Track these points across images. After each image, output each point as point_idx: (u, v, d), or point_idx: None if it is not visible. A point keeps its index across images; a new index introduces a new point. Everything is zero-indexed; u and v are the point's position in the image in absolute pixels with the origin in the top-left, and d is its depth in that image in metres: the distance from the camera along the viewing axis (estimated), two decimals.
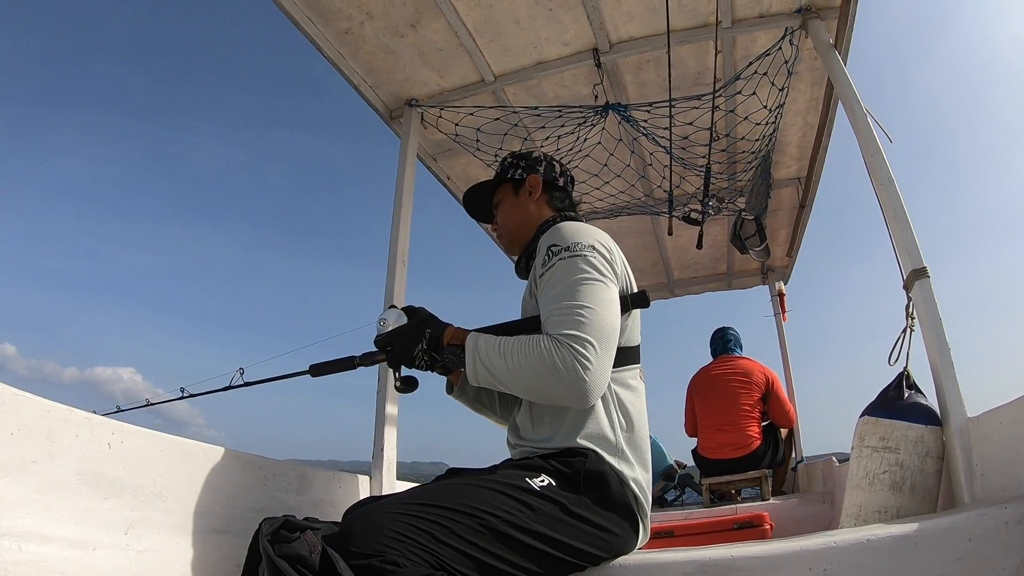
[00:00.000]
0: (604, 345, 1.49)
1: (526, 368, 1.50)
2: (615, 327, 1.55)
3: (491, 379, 1.57)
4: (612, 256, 1.67)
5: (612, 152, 3.91)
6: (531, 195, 2.00)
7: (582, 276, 1.56)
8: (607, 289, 1.57)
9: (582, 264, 1.58)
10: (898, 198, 2.42)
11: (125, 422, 1.58)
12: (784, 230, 5.29)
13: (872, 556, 1.40)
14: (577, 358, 1.45)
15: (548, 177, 2.03)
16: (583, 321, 1.49)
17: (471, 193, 2.13)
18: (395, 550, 1.20)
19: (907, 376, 2.22)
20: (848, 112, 2.73)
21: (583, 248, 1.61)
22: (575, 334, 1.47)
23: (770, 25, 3.12)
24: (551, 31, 3.21)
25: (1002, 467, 1.73)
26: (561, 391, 1.48)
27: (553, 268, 1.61)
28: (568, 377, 1.45)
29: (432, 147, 4.03)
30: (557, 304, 1.55)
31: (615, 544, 1.55)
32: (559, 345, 1.47)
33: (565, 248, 1.62)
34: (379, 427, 2.89)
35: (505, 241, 2.05)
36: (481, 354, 1.57)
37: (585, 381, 1.45)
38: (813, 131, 4.01)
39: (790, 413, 4.73)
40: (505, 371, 1.53)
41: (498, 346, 1.56)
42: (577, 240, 1.64)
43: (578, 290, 1.54)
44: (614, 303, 1.57)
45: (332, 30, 3.11)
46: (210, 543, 1.74)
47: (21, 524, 1.27)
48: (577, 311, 1.50)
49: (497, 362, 1.54)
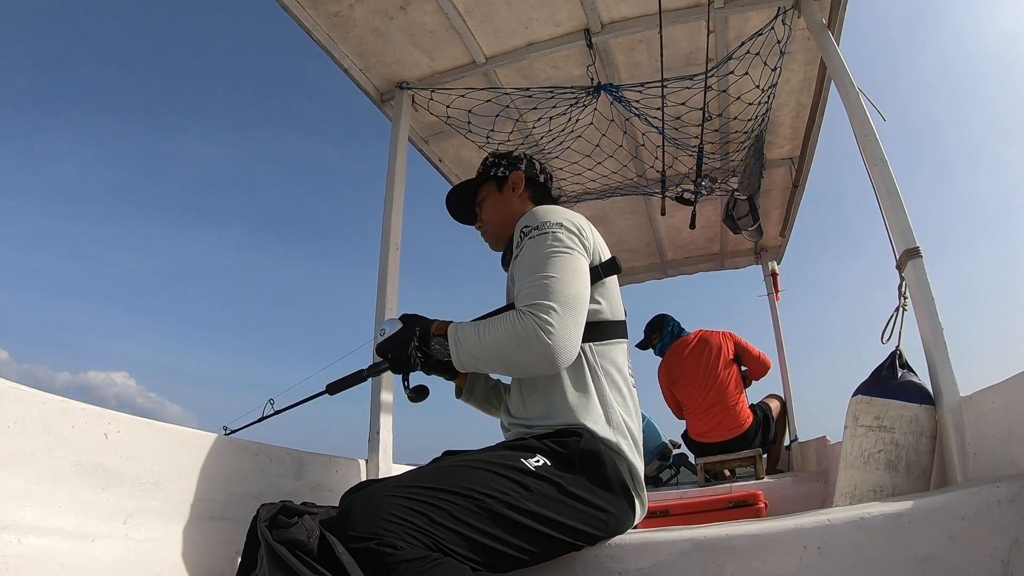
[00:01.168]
0: (568, 310, 1.53)
1: (497, 342, 1.55)
2: (581, 294, 1.58)
3: (473, 361, 1.62)
4: (581, 231, 1.71)
5: (604, 133, 3.90)
6: (515, 191, 2.04)
7: (549, 250, 1.61)
8: (572, 259, 1.61)
9: (549, 240, 1.63)
10: (891, 178, 2.42)
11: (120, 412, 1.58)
12: (777, 210, 5.28)
13: (866, 534, 1.41)
14: (539, 324, 1.49)
15: (529, 174, 2.06)
16: (545, 289, 1.54)
17: (453, 194, 2.15)
18: (393, 533, 1.21)
19: (900, 355, 2.23)
20: (841, 92, 2.73)
21: (551, 226, 1.67)
22: (536, 302, 1.52)
23: (763, 5, 3.10)
24: (542, 12, 3.18)
25: (995, 446, 1.74)
26: (530, 359, 1.52)
27: (524, 248, 1.67)
28: (532, 343, 1.49)
29: (424, 130, 4.00)
30: (525, 280, 1.60)
31: (611, 523, 1.56)
32: (522, 315, 1.52)
33: (535, 228, 1.68)
34: (375, 410, 2.89)
35: (491, 237, 2.07)
36: (460, 338, 1.63)
37: (549, 344, 1.48)
38: (806, 111, 4.00)
39: (762, 358, 4.79)
40: (480, 349, 1.59)
41: (475, 328, 1.62)
42: (546, 219, 1.69)
43: (544, 263, 1.59)
44: (580, 272, 1.61)
45: (322, 13, 3.08)
46: (209, 530, 1.74)
47: (20, 517, 1.27)
48: (541, 281, 1.56)
49: (473, 342, 1.60)
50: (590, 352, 1.68)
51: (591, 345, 1.68)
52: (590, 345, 1.68)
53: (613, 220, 5.35)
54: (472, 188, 2.11)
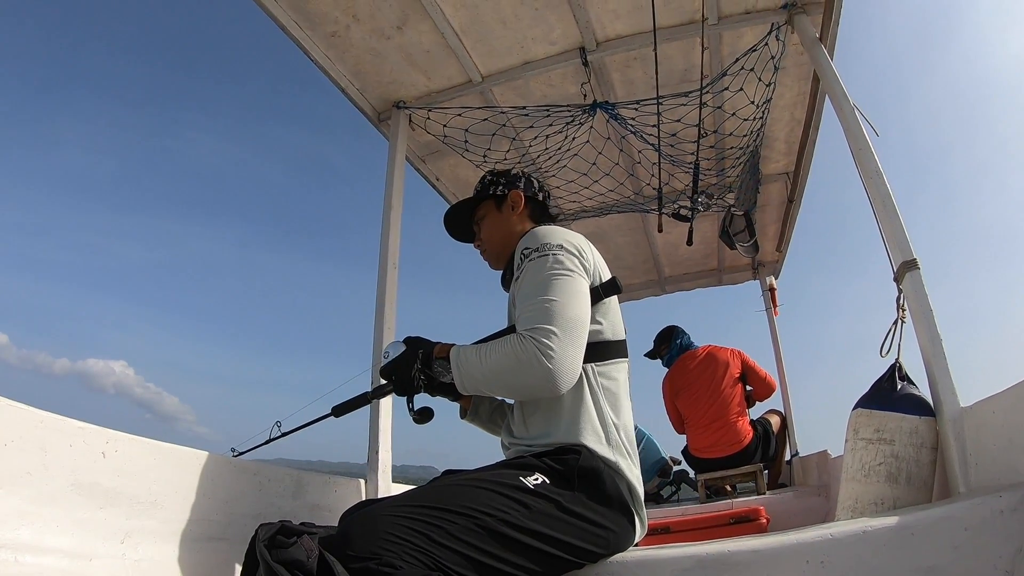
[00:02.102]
0: (569, 333, 1.53)
1: (498, 366, 1.56)
2: (581, 317, 1.58)
3: (474, 383, 1.63)
4: (582, 252, 1.71)
5: (600, 151, 3.92)
6: (514, 209, 2.04)
7: (549, 273, 1.62)
8: (573, 281, 1.61)
9: (550, 262, 1.64)
10: (887, 190, 2.42)
11: (118, 430, 1.57)
12: (774, 225, 5.30)
13: (869, 547, 1.41)
14: (539, 348, 1.49)
15: (528, 192, 2.07)
16: (546, 312, 1.54)
17: (451, 213, 2.16)
18: (392, 552, 1.21)
19: (899, 368, 2.23)
20: (835, 106, 2.74)
21: (551, 248, 1.67)
22: (537, 326, 1.53)
23: (756, 21, 3.13)
24: (537, 31, 3.21)
25: (996, 456, 1.73)
26: (531, 382, 1.52)
27: (524, 270, 1.68)
28: (533, 367, 1.49)
29: (421, 149, 4.02)
30: (526, 302, 1.60)
31: (612, 540, 1.55)
32: (523, 339, 1.52)
33: (535, 250, 1.68)
34: (374, 430, 2.88)
35: (491, 256, 2.07)
36: (462, 361, 1.63)
37: (549, 369, 1.49)
38: (800, 126, 4.02)
39: (768, 379, 4.77)
40: (481, 372, 1.60)
41: (476, 351, 1.62)
42: (546, 241, 1.69)
43: (544, 285, 1.59)
44: (581, 294, 1.62)
45: (319, 33, 3.10)
46: (207, 550, 1.73)
47: (17, 536, 1.26)
48: (541, 304, 1.56)
49: (475, 365, 1.61)
50: (591, 372, 1.67)
51: (592, 365, 1.68)
52: (591, 365, 1.68)
53: (610, 237, 5.36)
54: (470, 206, 2.12)
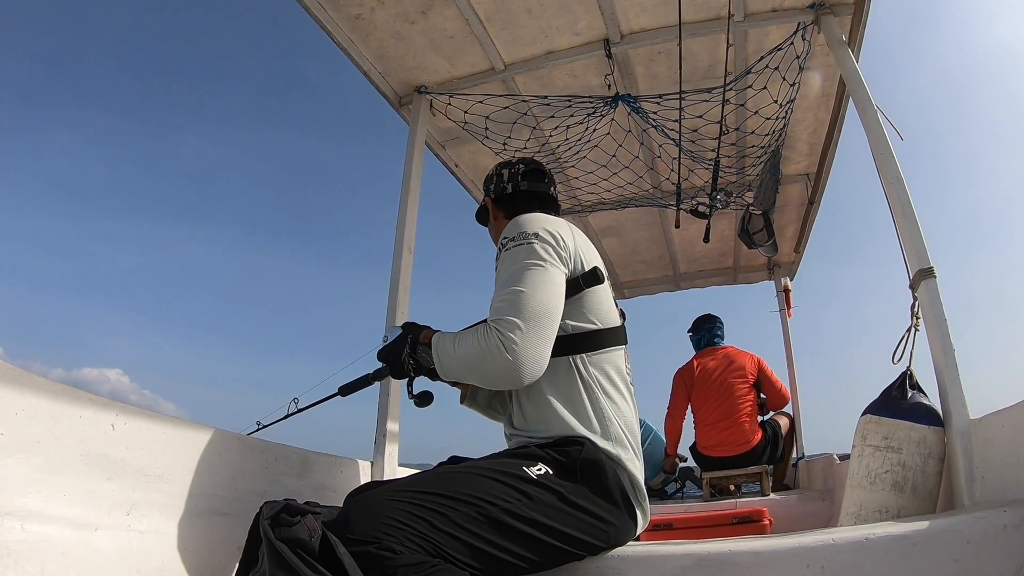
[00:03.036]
0: (533, 325, 1.52)
1: (466, 355, 1.57)
2: (549, 308, 1.56)
3: (451, 371, 1.66)
4: (559, 240, 1.68)
5: (621, 143, 3.90)
6: (493, 217, 2.08)
7: (521, 263, 1.61)
8: (544, 271, 1.60)
9: (523, 251, 1.63)
10: (907, 197, 2.41)
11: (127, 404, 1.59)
12: (792, 226, 5.26)
13: (870, 555, 1.40)
14: (502, 340, 1.49)
15: (498, 192, 2.08)
16: (512, 304, 1.54)
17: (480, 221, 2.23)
18: (392, 537, 1.22)
19: (910, 376, 2.22)
20: (859, 109, 2.72)
21: (527, 236, 1.66)
22: (500, 318, 1.53)
23: (783, 19, 3.10)
24: (562, 21, 3.19)
25: (1003, 470, 1.72)
26: (494, 373, 1.53)
27: (500, 260, 1.68)
28: (496, 359, 1.50)
29: (440, 135, 4.01)
30: (497, 292, 1.61)
31: (612, 534, 1.56)
32: (488, 329, 1.53)
33: (511, 239, 1.68)
34: (381, 414, 2.90)
35: None
36: (439, 349, 1.66)
37: (510, 360, 1.48)
38: (824, 127, 3.98)
39: (783, 391, 4.77)
40: (454, 360, 1.62)
41: (452, 339, 1.64)
42: (522, 230, 1.68)
43: (516, 276, 1.59)
44: (551, 284, 1.59)
45: (343, 16, 3.10)
46: (211, 525, 1.75)
47: (24, 503, 1.27)
48: (507, 296, 1.56)
49: (449, 353, 1.63)
50: (582, 364, 1.67)
51: (584, 356, 1.67)
52: (583, 357, 1.67)
53: (627, 231, 5.35)
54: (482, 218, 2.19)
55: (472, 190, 4.57)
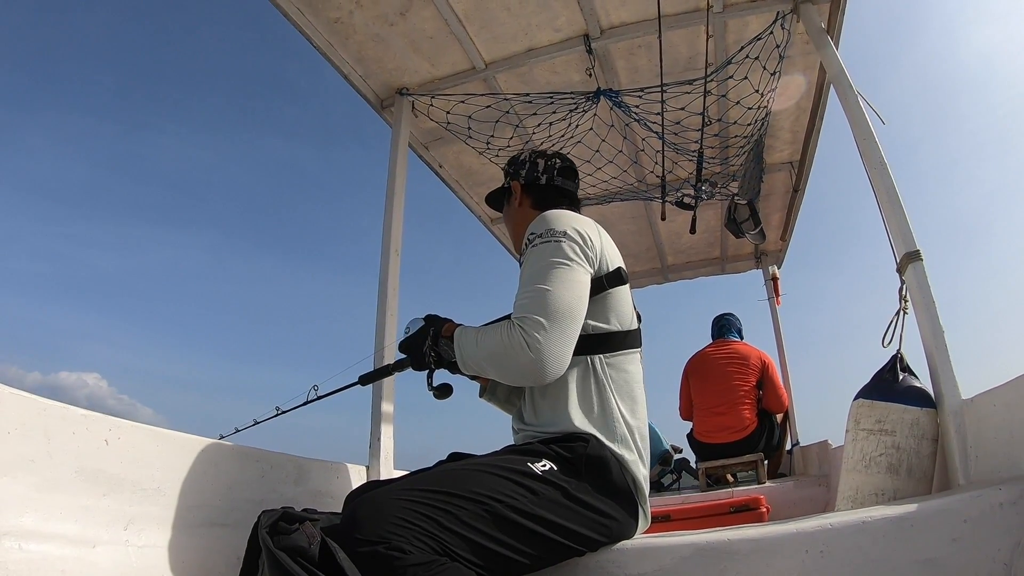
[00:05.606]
0: (557, 324, 1.51)
1: (489, 351, 1.57)
2: (574, 307, 1.56)
3: (472, 365, 1.65)
4: (586, 240, 1.67)
5: (604, 138, 3.90)
6: (519, 203, 2.03)
7: (548, 260, 1.60)
8: (571, 271, 1.59)
9: (551, 249, 1.62)
10: (891, 181, 2.42)
11: (120, 418, 1.58)
12: (778, 214, 5.29)
13: (868, 537, 1.41)
14: (525, 338, 1.49)
15: (529, 179, 2.04)
16: (538, 302, 1.53)
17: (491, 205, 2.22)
18: (401, 536, 1.21)
19: (901, 359, 2.23)
20: (840, 95, 2.73)
21: (555, 234, 1.65)
22: (525, 315, 1.52)
23: (762, 9, 3.11)
24: (542, 17, 3.19)
25: (996, 449, 1.74)
26: (516, 371, 1.53)
27: (527, 256, 1.67)
28: (518, 356, 1.50)
29: (424, 136, 4.01)
30: (522, 289, 1.60)
31: (615, 530, 1.56)
32: (512, 327, 1.53)
33: (539, 235, 1.66)
34: (376, 416, 2.89)
35: (513, 244, 2.07)
36: (462, 343, 1.65)
37: (532, 359, 1.48)
38: (806, 115, 4.01)
39: (783, 398, 4.74)
40: (476, 355, 1.61)
41: (475, 334, 1.64)
42: (551, 227, 1.67)
43: (542, 273, 1.58)
44: (576, 283, 1.59)
45: (322, 20, 3.09)
46: (210, 536, 1.74)
47: (21, 523, 1.27)
48: (532, 293, 1.55)
49: (471, 347, 1.62)
50: (599, 364, 1.66)
51: (601, 357, 1.67)
52: (600, 357, 1.67)
53: (613, 225, 5.35)
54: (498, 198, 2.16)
55: (457, 190, 4.57)
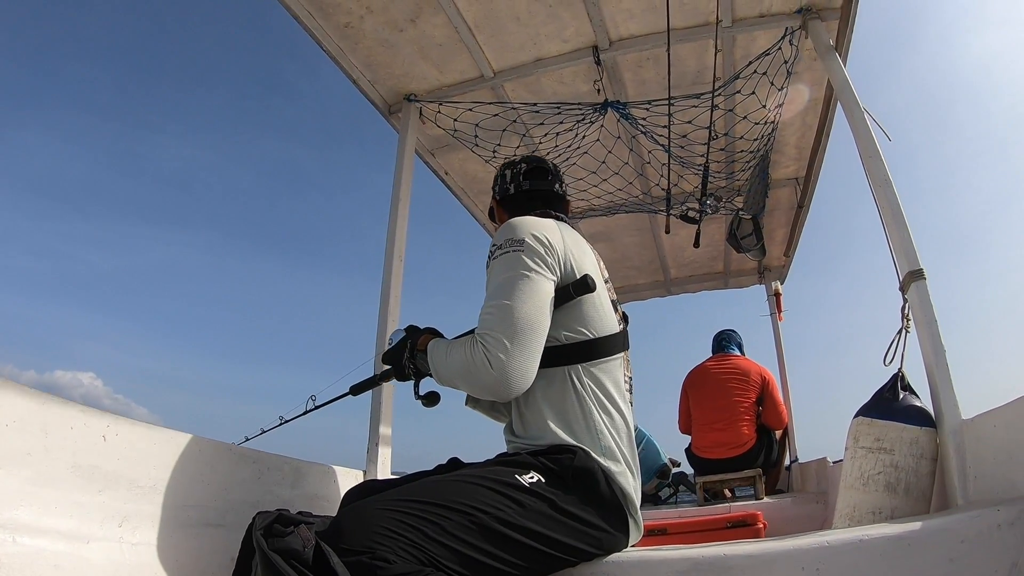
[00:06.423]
0: (518, 339, 1.51)
1: (455, 366, 1.59)
2: (533, 319, 1.54)
3: (444, 379, 1.66)
4: (549, 246, 1.64)
5: (611, 150, 3.91)
6: (499, 219, 2.05)
7: (509, 274, 1.59)
8: (530, 282, 1.57)
9: (511, 260, 1.60)
10: (895, 199, 2.42)
11: (118, 415, 1.58)
12: (782, 230, 5.29)
13: (865, 556, 1.40)
14: (488, 356, 1.50)
15: (502, 193, 2.05)
16: (495, 318, 1.53)
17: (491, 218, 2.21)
18: (385, 547, 1.20)
19: (901, 377, 2.23)
20: (846, 112, 2.73)
21: (513, 244, 1.62)
22: (486, 332, 1.53)
23: (770, 25, 3.12)
24: (551, 28, 3.21)
25: (995, 469, 1.73)
26: (483, 387, 1.54)
27: (489, 269, 1.66)
28: (481, 373, 1.50)
29: (430, 142, 4.02)
30: (486, 303, 1.60)
31: (605, 541, 1.55)
32: (475, 343, 1.53)
33: (499, 247, 1.65)
34: (374, 421, 2.89)
35: None
36: (433, 356, 1.68)
37: (496, 377, 1.49)
38: (812, 131, 4.01)
39: (782, 415, 4.71)
40: (445, 369, 1.63)
41: (446, 348, 1.65)
42: (509, 236, 1.65)
43: (500, 288, 1.57)
44: (537, 294, 1.56)
45: (332, 24, 3.10)
46: (204, 536, 1.74)
47: (15, 516, 1.26)
48: (493, 309, 1.55)
49: (441, 361, 1.65)
50: (576, 375, 1.64)
51: (579, 367, 1.65)
52: (580, 367, 1.64)
53: (618, 237, 5.36)
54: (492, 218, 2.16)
55: (462, 198, 4.57)
